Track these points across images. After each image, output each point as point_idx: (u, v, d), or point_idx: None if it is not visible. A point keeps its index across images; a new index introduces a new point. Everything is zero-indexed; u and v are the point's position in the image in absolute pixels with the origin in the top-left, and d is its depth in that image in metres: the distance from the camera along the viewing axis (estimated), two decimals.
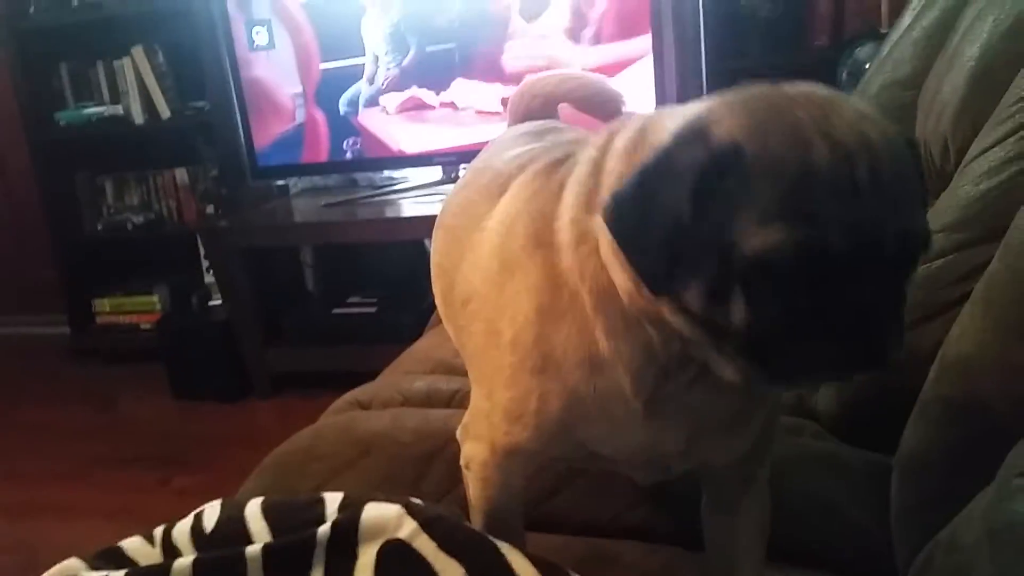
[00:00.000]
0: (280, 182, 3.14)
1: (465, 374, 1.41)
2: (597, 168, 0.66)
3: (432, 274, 0.96)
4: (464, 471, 0.81)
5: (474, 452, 0.79)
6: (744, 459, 0.76)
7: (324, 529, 0.68)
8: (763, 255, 0.54)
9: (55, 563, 0.73)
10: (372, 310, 2.82)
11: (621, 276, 0.62)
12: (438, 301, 0.97)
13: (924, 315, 0.97)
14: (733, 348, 0.58)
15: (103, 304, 3.33)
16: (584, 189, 0.67)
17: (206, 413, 2.78)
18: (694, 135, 0.57)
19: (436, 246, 0.94)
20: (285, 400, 2.76)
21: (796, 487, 0.95)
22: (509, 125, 1.14)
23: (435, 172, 2.82)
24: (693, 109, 0.60)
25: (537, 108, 1.13)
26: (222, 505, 0.76)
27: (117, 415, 2.93)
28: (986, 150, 0.94)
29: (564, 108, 1.17)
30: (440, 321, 1.84)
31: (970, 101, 1.02)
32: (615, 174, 0.64)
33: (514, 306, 0.69)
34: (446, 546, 0.67)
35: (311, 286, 3.19)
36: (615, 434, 0.70)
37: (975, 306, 0.84)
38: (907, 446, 0.89)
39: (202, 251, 2.95)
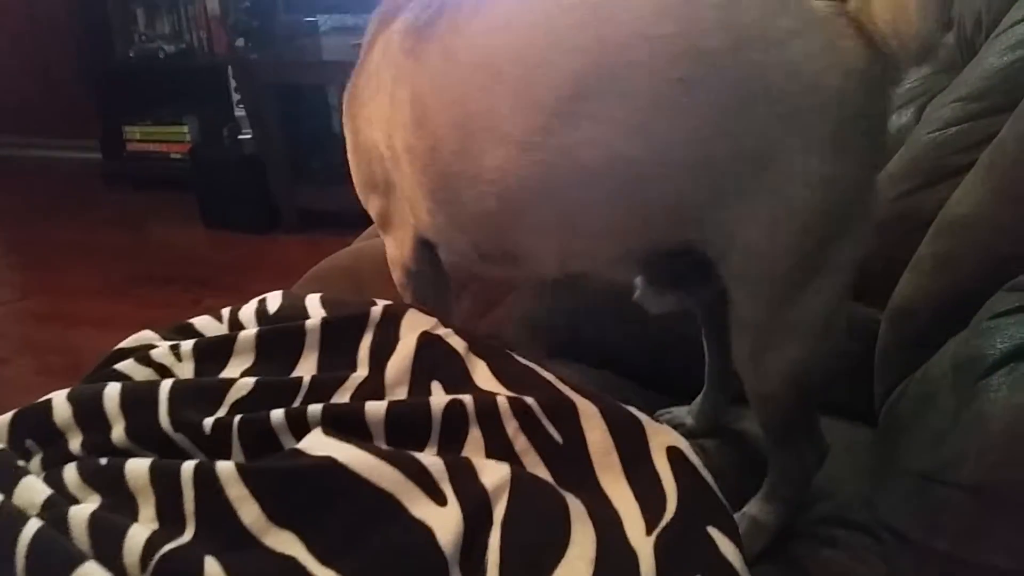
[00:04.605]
0: (309, 18, 3.11)
1: None
2: None
3: None
4: None
5: None
6: None
7: (375, 310, 0.77)
8: None
9: None
10: None
11: None
12: None
13: (928, 180, 1.03)
14: None
15: (133, 132, 3.39)
16: None
17: (235, 242, 2.90)
18: None
19: None
20: (311, 236, 2.85)
21: None
22: None
23: None
24: None
25: None
26: (283, 295, 0.85)
27: (149, 239, 3.04)
28: (1017, 23, 0.96)
29: None
30: None
31: None
32: None
33: None
34: (474, 348, 0.76)
35: (338, 129, 3.21)
36: None
37: (978, 170, 0.89)
38: (898, 295, 0.97)
39: (232, 84, 2.97)
